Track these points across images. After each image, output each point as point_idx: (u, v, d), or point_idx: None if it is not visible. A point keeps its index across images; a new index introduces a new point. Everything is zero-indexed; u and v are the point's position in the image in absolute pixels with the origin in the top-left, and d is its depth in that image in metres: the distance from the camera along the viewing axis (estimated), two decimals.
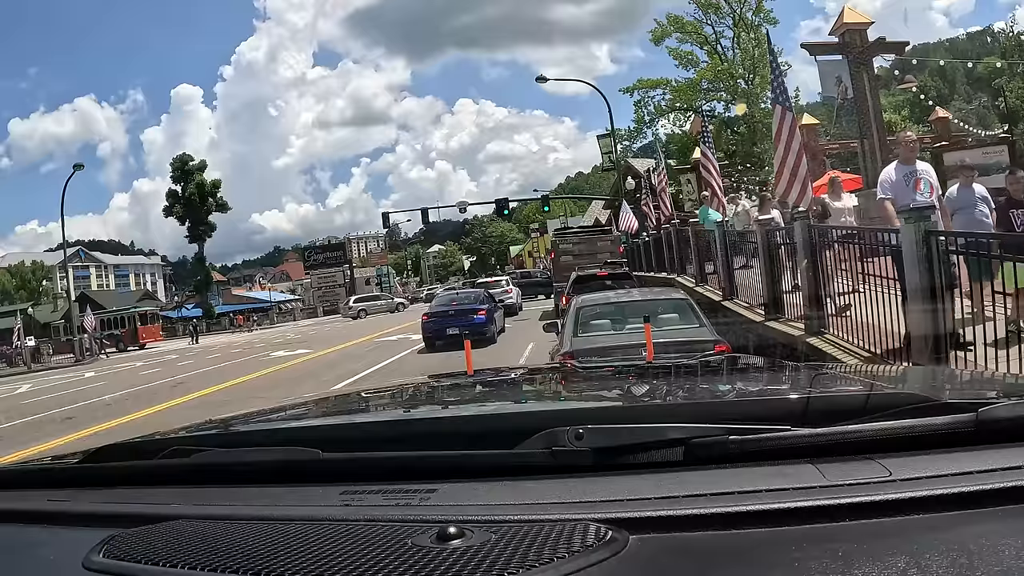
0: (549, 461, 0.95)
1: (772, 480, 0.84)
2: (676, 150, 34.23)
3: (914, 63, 32.86)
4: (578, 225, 37.23)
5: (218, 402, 11.71)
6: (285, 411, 1.85)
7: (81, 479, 1.21)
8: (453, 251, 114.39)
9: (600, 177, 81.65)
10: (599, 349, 6.23)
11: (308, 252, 77.02)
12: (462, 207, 36.67)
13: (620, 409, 1.40)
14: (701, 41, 34.18)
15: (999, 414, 0.91)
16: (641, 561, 0.71)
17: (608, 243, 21.25)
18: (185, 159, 55.04)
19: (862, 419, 0.93)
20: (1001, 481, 0.78)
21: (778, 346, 6.98)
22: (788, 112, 8.47)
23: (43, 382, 21.37)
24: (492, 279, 32.50)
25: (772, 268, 7.67)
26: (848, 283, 6.14)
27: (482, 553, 0.72)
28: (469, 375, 2.78)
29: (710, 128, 16.06)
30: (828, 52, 20.59)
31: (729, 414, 1.15)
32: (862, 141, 19.81)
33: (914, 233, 4.49)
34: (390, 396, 2.08)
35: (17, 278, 72.51)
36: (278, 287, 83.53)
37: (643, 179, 25.29)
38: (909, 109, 48.46)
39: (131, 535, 0.88)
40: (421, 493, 0.93)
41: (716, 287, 10.38)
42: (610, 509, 0.81)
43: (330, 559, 0.74)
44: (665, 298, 7.70)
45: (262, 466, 1.10)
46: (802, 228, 6.65)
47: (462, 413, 1.58)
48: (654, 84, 35.29)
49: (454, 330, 14.99)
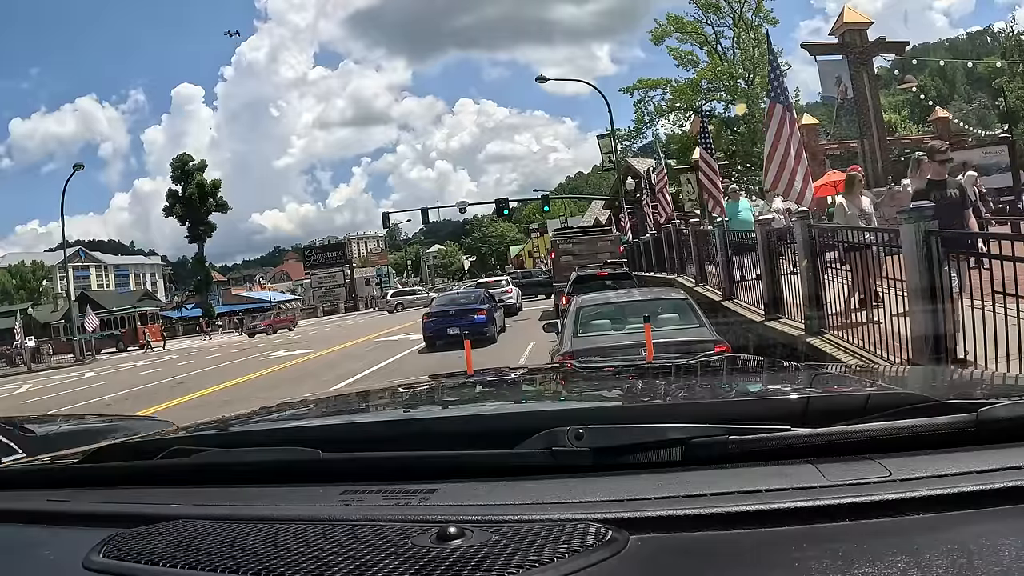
0: (549, 461, 0.95)
1: (772, 480, 0.84)
2: (676, 150, 34.26)
3: (914, 63, 32.90)
4: (578, 225, 37.25)
5: (218, 402, 11.71)
6: (285, 411, 1.85)
7: (81, 479, 1.21)
8: (453, 251, 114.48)
9: (600, 177, 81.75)
10: (599, 349, 6.24)
11: (308, 252, 77.06)
12: (462, 207, 36.70)
13: (620, 409, 1.40)
14: (701, 41, 34.24)
15: (999, 414, 0.91)
16: (641, 561, 0.71)
17: (608, 243, 21.26)
18: (185, 159, 55.11)
19: (862, 419, 0.93)
20: (1001, 481, 0.78)
21: (778, 346, 6.98)
22: (788, 112, 8.46)
23: (43, 382, 21.39)
24: (492, 279, 32.51)
25: (772, 268, 7.67)
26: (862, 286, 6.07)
27: (482, 553, 0.72)
28: (469, 375, 2.78)
29: (710, 128, 16.03)
30: (828, 52, 20.63)
31: (729, 414, 1.15)
32: (862, 141, 19.84)
33: (914, 233, 4.49)
34: (390, 396, 2.08)
35: (17, 278, 72.59)
36: (278, 287, 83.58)
37: (643, 179, 25.28)
38: (909, 109, 48.52)
39: (131, 535, 0.88)
40: (421, 493, 0.93)
41: (716, 287, 10.38)
42: (610, 509, 0.81)
43: (330, 559, 0.74)
44: (665, 298, 7.71)
45: (262, 466, 1.10)
46: (802, 228, 6.65)
47: (462, 413, 1.58)
48: (654, 84, 35.37)
49: (455, 330, 15.00)
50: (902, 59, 25.42)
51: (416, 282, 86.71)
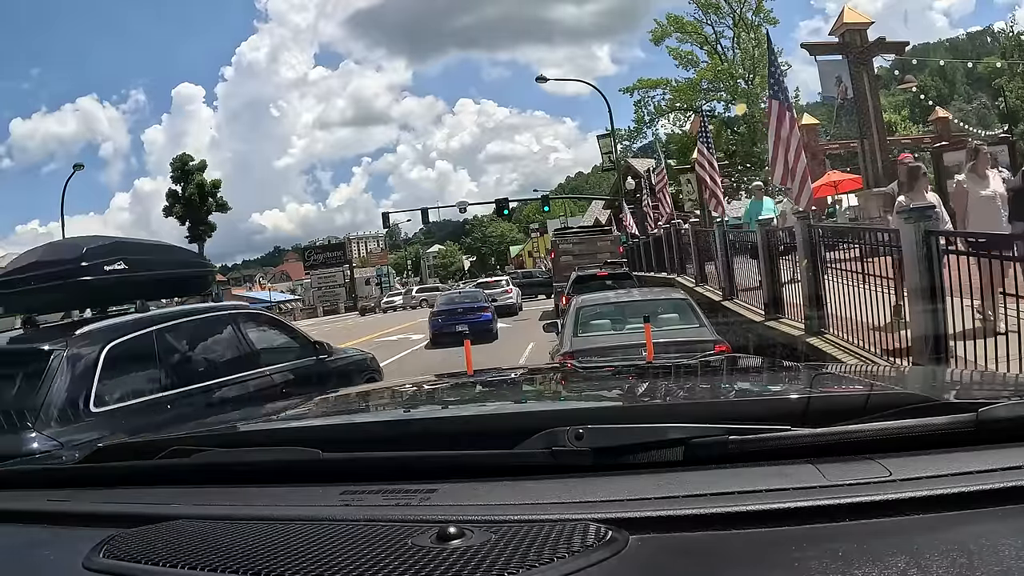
0: (549, 461, 0.95)
1: (772, 480, 0.84)
2: (676, 150, 34.23)
3: (914, 63, 32.87)
4: (578, 225, 37.20)
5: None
6: (285, 411, 1.85)
7: (81, 479, 1.21)
8: (453, 251, 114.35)
9: (600, 177, 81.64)
10: (599, 349, 6.24)
11: (308, 252, 76.91)
12: (462, 207, 36.67)
13: (620, 409, 1.40)
14: (701, 41, 34.22)
15: (999, 414, 0.91)
16: (641, 561, 0.71)
17: (608, 243, 21.25)
18: (185, 159, 54.98)
19: (862, 419, 0.93)
20: (1001, 481, 0.78)
21: (778, 346, 6.98)
22: (787, 111, 8.43)
23: None
24: (492, 279, 32.48)
25: (772, 268, 7.66)
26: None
27: (482, 553, 0.72)
28: (469, 375, 2.78)
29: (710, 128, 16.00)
30: (828, 52, 20.58)
31: (729, 414, 1.15)
32: (862, 141, 19.81)
33: (914, 233, 4.48)
34: (390, 396, 2.08)
35: None
36: (278, 287, 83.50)
37: (643, 179, 25.28)
38: (909, 109, 48.50)
39: (131, 535, 0.88)
40: (421, 493, 0.93)
41: (716, 287, 10.37)
42: (610, 509, 0.81)
43: (330, 559, 0.74)
44: (665, 298, 7.70)
45: (262, 466, 1.11)
46: (802, 228, 6.65)
47: (462, 413, 1.58)
48: (654, 84, 35.35)
49: (462, 326, 15.55)
50: (902, 59, 25.39)
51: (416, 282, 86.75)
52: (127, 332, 4.01)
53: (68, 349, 3.67)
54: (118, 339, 3.90)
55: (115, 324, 4.08)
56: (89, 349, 3.74)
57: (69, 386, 3.55)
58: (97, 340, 3.81)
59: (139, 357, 4.00)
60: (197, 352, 4.56)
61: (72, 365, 3.62)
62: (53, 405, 3.46)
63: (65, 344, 3.69)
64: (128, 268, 4.43)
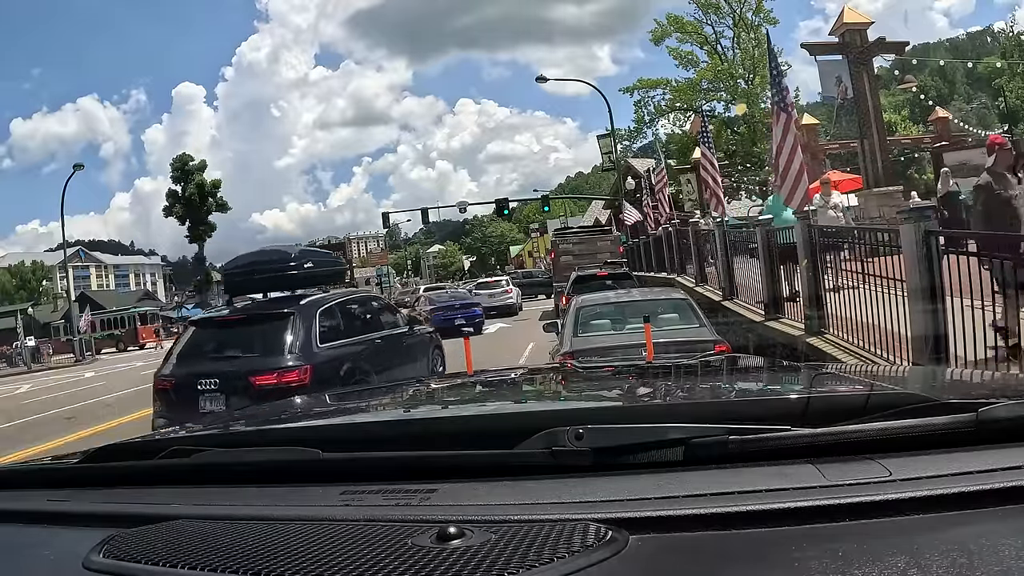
0: (549, 461, 0.95)
1: (772, 480, 0.84)
2: (676, 150, 34.24)
3: (914, 63, 32.89)
4: (578, 225, 37.22)
5: None
6: (285, 411, 1.85)
7: (81, 479, 1.21)
8: (453, 251, 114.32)
9: (600, 177, 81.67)
10: (599, 349, 6.24)
11: None
12: (462, 207, 36.66)
13: (620, 409, 1.40)
14: (701, 41, 34.22)
15: (999, 414, 0.91)
16: (641, 561, 0.71)
17: (608, 243, 21.25)
18: (185, 159, 54.96)
19: (862, 419, 0.93)
20: (1001, 481, 0.78)
21: (778, 346, 6.98)
22: (783, 113, 8.41)
23: (43, 382, 21.35)
24: (492, 279, 32.52)
25: (772, 268, 7.66)
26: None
27: (482, 553, 0.72)
28: (469, 375, 2.78)
29: (710, 128, 15.99)
30: (828, 52, 20.56)
31: (729, 414, 1.15)
32: (862, 141, 19.79)
33: (914, 233, 4.48)
34: (390, 396, 2.08)
35: (17, 278, 72.58)
36: None
37: (643, 179, 25.28)
38: (909, 109, 48.52)
39: (131, 535, 0.88)
40: (421, 493, 0.93)
41: (716, 287, 10.37)
42: (610, 509, 0.81)
43: (330, 559, 0.74)
44: (665, 298, 7.70)
45: (262, 466, 1.10)
46: (802, 228, 6.66)
47: (462, 413, 1.58)
48: (654, 84, 35.33)
49: (461, 320, 18.50)
50: (902, 59, 25.38)
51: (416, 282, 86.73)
52: (327, 303, 6.79)
53: (300, 312, 6.35)
54: (324, 307, 6.65)
55: (318, 298, 6.90)
56: (310, 311, 6.43)
57: (303, 332, 6.20)
58: (314, 307, 6.55)
59: (334, 317, 6.71)
60: (359, 317, 7.41)
61: (304, 320, 6.29)
62: (296, 342, 6.13)
63: (297, 309, 6.39)
64: (314, 267, 7.53)
